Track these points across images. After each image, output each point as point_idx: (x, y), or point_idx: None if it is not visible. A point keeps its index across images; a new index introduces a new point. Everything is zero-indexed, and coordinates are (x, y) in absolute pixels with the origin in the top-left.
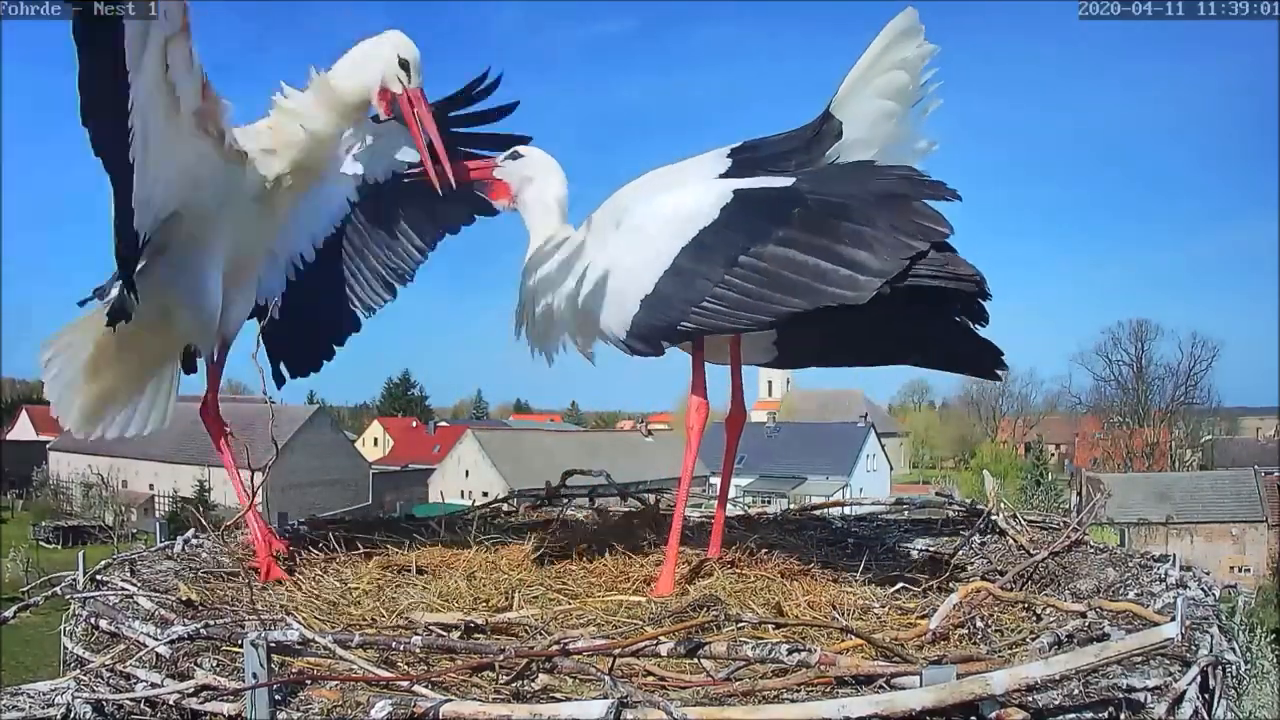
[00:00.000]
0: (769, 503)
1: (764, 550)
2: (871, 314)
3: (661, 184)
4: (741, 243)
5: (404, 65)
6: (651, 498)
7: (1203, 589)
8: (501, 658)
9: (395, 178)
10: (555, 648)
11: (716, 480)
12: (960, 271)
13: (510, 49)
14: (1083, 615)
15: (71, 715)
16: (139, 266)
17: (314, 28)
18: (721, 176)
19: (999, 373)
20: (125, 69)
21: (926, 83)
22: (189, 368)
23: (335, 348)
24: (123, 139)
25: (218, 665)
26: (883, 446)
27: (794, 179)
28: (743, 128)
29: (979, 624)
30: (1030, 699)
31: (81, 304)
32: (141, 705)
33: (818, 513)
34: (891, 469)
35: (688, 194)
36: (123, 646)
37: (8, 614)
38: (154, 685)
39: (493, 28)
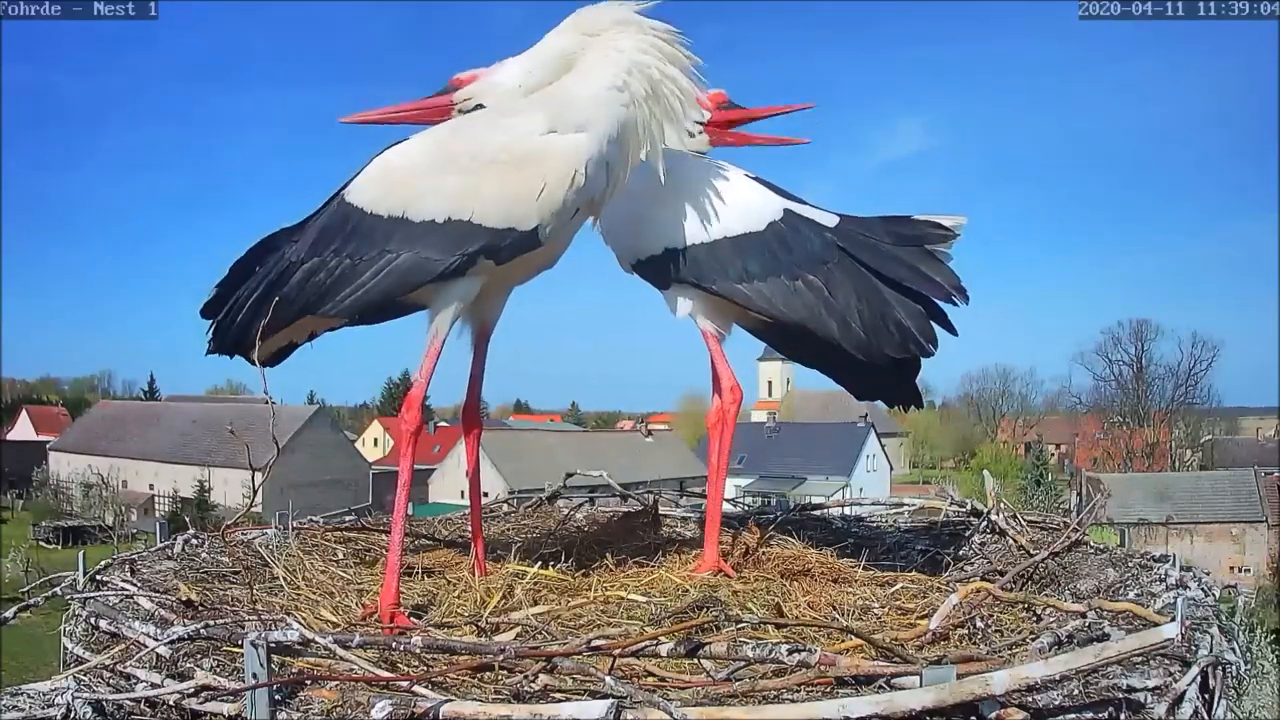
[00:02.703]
0: (769, 502)
1: (764, 550)
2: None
3: (715, 168)
4: (777, 265)
5: None
6: (651, 498)
7: (1203, 589)
8: (501, 658)
9: None
10: (555, 648)
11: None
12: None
13: (510, 49)
14: (1083, 615)
15: (71, 715)
16: None
17: (314, 27)
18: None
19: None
20: None
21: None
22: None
23: None
24: None
25: (218, 665)
26: (883, 446)
27: (839, 218)
28: None
29: (979, 624)
30: (1030, 699)
31: None
32: (141, 705)
33: (818, 513)
34: (891, 469)
35: (744, 194)
36: (123, 646)
37: (8, 614)
38: (154, 685)
39: (493, 28)
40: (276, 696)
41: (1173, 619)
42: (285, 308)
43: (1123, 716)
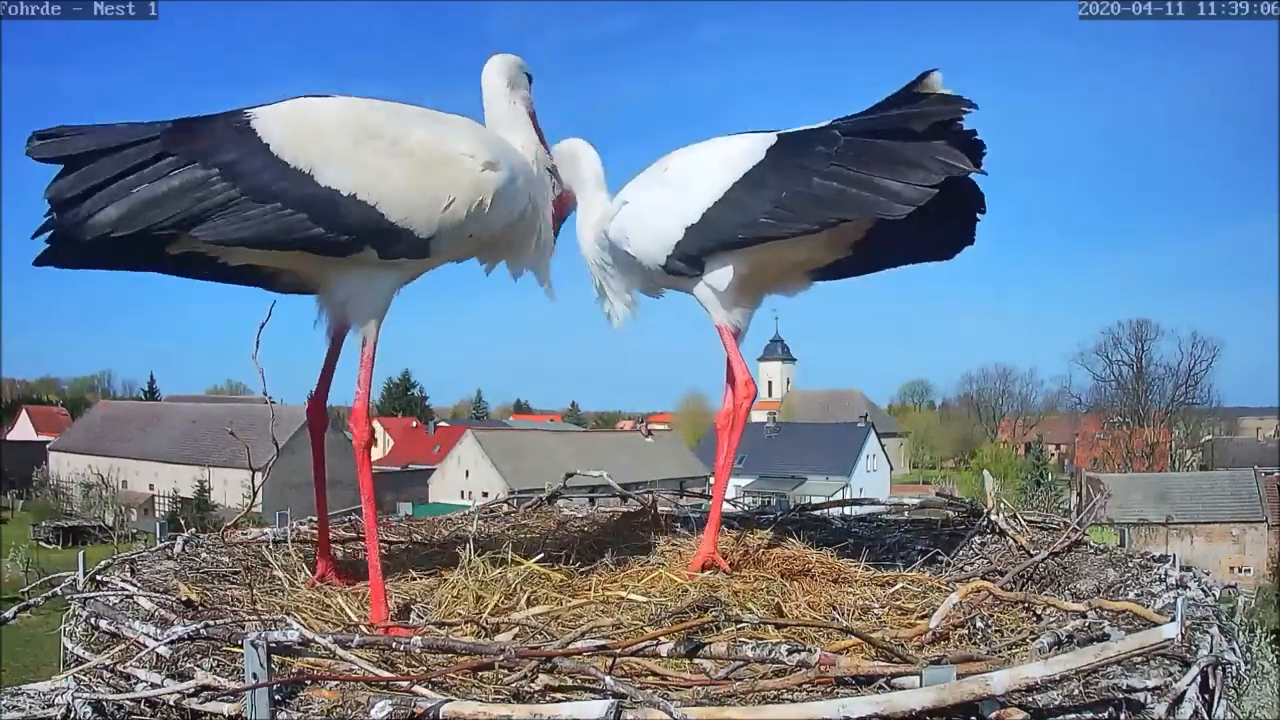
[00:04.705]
0: (769, 502)
1: (764, 550)
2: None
3: (702, 144)
4: (791, 176)
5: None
6: (651, 498)
7: (1203, 589)
8: (501, 658)
9: None
10: (555, 648)
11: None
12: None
13: (510, 49)
14: (1083, 615)
15: (71, 715)
16: None
17: (314, 27)
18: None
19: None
20: None
21: None
22: None
23: None
24: None
25: (218, 665)
26: (883, 447)
27: (830, 120)
28: (743, 126)
29: (979, 624)
30: (1030, 699)
31: None
32: (141, 705)
33: (818, 513)
34: (891, 469)
35: (735, 140)
36: (123, 647)
37: (8, 614)
38: (154, 685)
39: (492, 27)
40: (276, 696)
41: (1173, 619)
42: (155, 211)
43: (1123, 716)
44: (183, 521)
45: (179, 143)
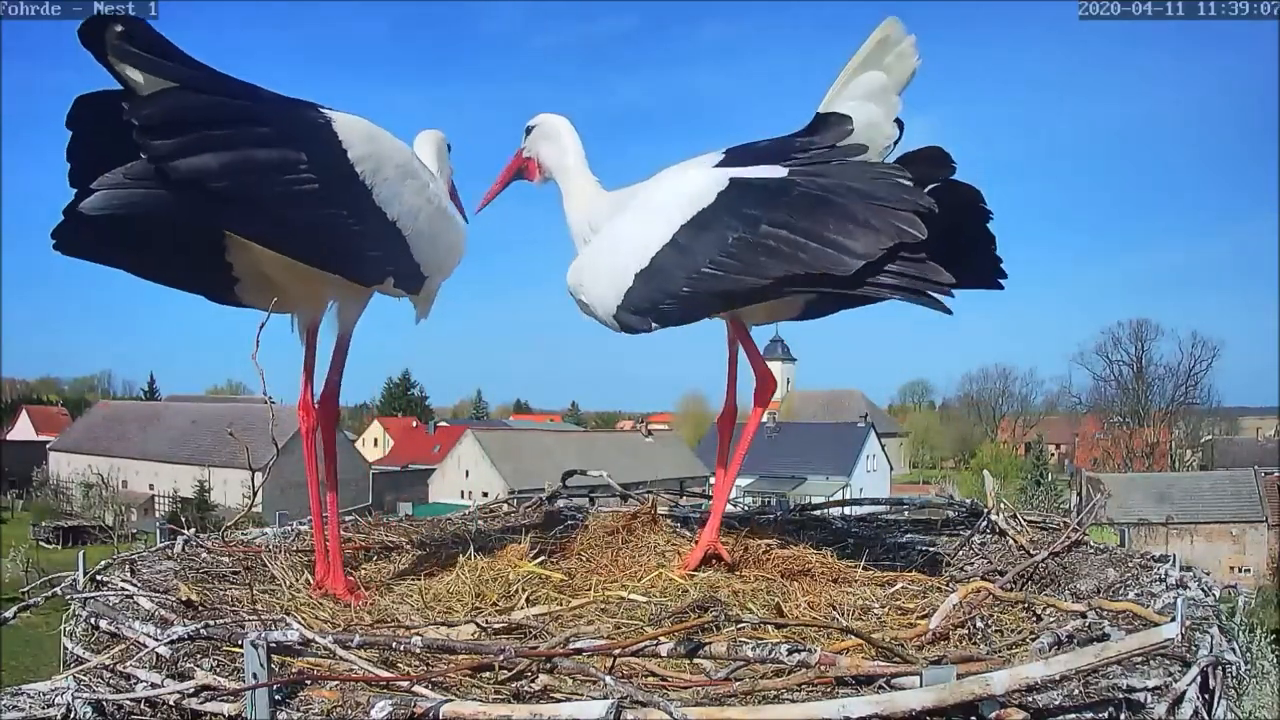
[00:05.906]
0: (769, 503)
1: (764, 550)
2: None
3: (666, 174)
4: (738, 223)
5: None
6: (650, 498)
7: (1203, 589)
8: (501, 658)
9: None
10: (555, 648)
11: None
12: (930, 277)
13: (510, 48)
14: (1083, 615)
15: (71, 715)
16: None
17: (314, 26)
18: (720, 165)
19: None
20: None
21: (907, 82)
22: None
23: None
24: None
25: (218, 665)
26: (883, 447)
27: (788, 169)
28: (744, 125)
29: (979, 624)
30: (1030, 699)
31: None
32: (141, 705)
33: (818, 513)
34: (891, 469)
35: (687, 179)
36: (123, 646)
37: (8, 614)
38: (154, 685)
39: (493, 27)
40: (276, 696)
41: (1173, 619)
42: (252, 178)
43: (1123, 716)
44: (183, 521)
45: (279, 115)
